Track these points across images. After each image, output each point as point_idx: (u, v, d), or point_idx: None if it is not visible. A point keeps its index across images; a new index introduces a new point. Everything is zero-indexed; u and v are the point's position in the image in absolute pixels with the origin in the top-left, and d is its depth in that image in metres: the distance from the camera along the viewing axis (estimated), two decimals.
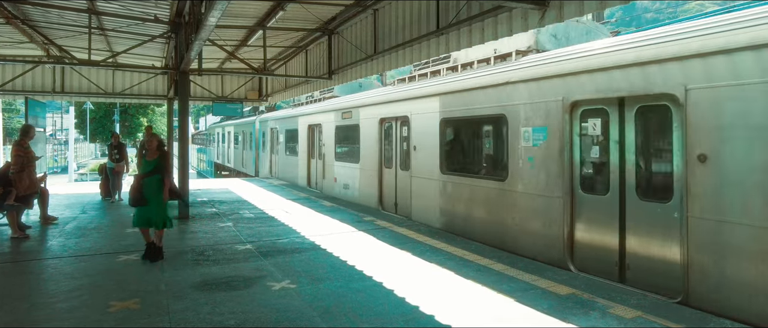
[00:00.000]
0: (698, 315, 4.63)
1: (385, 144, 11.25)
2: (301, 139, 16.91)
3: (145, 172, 6.77)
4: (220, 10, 6.24)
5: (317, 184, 15.50)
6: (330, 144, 14.27)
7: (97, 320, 4.49)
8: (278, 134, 19.69)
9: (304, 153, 16.59)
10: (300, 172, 17.07)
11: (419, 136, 9.63)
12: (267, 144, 21.43)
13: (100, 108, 44.67)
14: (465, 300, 5.10)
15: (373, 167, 11.66)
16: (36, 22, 11.16)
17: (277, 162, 20.09)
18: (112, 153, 12.49)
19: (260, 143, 22.50)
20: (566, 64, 6.42)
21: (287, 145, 18.61)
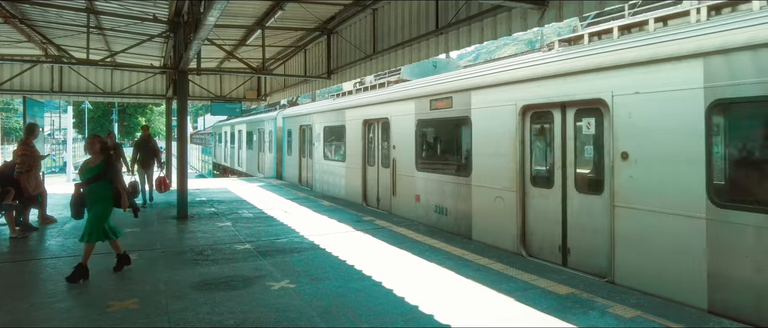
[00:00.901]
0: (697, 315, 4.64)
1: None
2: (351, 140, 12.65)
3: (86, 178, 5.94)
4: (218, 10, 6.23)
5: (384, 201, 11.29)
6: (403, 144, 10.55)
7: (96, 320, 4.48)
8: (313, 133, 15.43)
9: (358, 158, 12.32)
10: (349, 182, 12.93)
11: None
12: (295, 145, 17.47)
13: (99, 108, 44.66)
14: (464, 300, 5.10)
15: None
16: (34, 22, 11.14)
17: (311, 168, 15.77)
18: None
19: (285, 144, 18.92)
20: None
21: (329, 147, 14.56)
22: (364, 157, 12.08)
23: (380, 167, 11.46)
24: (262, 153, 21.81)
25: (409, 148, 9.92)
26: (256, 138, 22.79)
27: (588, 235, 6.19)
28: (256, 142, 22.82)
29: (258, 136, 22.40)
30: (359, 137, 12.07)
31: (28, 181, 8.39)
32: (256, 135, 22.63)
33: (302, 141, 16.72)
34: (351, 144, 12.57)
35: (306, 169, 16.45)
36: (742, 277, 4.60)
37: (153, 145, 11.88)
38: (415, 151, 9.77)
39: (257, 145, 22.52)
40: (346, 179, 12.92)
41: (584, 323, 4.44)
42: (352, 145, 12.55)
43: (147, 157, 11.72)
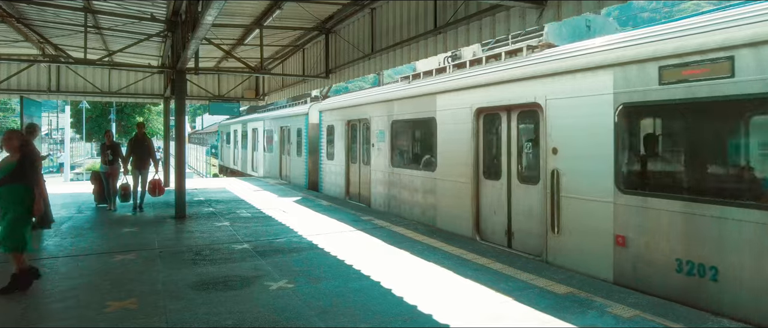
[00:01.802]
0: (695, 314, 4.64)
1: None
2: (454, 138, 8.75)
3: None
4: (216, 9, 6.21)
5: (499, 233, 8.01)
6: None
7: (94, 320, 4.46)
8: (372, 130, 11.57)
9: (468, 166, 8.25)
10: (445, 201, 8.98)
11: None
12: (339, 146, 13.45)
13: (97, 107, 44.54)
14: (463, 299, 5.09)
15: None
16: (31, 21, 11.10)
17: (371, 178, 11.69)
18: (105, 154, 11.05)
19: (322, 145, 14.89)
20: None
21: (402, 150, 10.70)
22: (478, 164, 8.18)
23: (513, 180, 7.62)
24: (286, 156, 18.22)
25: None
26: (277, 138, 19.08)
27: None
28: (277, 143, 19.13)
29: (280, 135, 18.64)
30: (470, 134, 8.22)
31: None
32: (278, 134, 18.87)
33: (352, 141, 12.86)
34: (455, 144, 8.57)
35: (359, 179, 12.45)
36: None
37: (148, 145, 11.03)
38: None
39: (279, 146, 18.81)
40: (440, 197, 8.99)
41: (583, 323, 4.43)
42: (455, 146, 8.57)
43: (142, 158, 10.89)
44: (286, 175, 18.18)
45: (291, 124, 17.49)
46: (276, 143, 19.27)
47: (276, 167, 19.28)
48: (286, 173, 18.18)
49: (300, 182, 16.53)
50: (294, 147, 17.13)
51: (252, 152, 23.16)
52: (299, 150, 16.57)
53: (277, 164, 19.21)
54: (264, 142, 20.98)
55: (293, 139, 17.21)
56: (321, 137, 14.96)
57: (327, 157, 14.52)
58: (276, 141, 19.26)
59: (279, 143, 18.89)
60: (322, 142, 14.84)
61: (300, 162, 16.50)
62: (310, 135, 15.77)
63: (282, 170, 18.64)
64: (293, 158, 17.25)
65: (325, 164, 14.70)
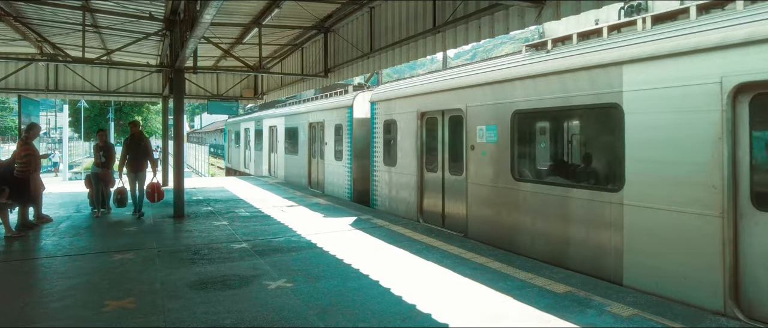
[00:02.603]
0: (694, 313, 4.64)
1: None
2: None
3: None
4: (215, 8, 6.20)
5: None
6: None
7: (92, 320, 4.45)
8: (468, 124, 8.40)
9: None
10: None
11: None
12: (409, 147, 10.13)
13: (95, 106, 44.48)
14: (462, 298, 5.09)
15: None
16: (29, 20, 11.07)
17: (456, 192, 8.84)
18: (98, 155, 10.18)
19: (376, 146, 11.50)
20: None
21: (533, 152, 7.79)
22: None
23: None
24: (317, 160, 14.91)
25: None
26: (303, 137, 15.88)
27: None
28: (303, 143, 15.90)
29: (309, 134, 15.51)
30: None
31: (34, 180, 8.34)
32: (305, 132, 15.72)
33: (433, 141, 9.49)
34: None
35: (442, 194, 9.20)
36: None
37: (145, 144, 10.09)
38: None
39: (307, 147, 15.54)
40: None
41: (582, 322, 4.43)
42: None
43: (138, 159, 10.00)
44: (318, 182, 14.81)
45: (325, 119, 14.04)
46: (302, 144, 15.95)
47: (301, 172, 16.02)
48: (318, 179, 14.86)
49: (340, 193, 13.10)
50: (330, 148, 13.73)
51: (269, 154, 20.06)
52: (339, 152, 13.18)
53: (303, 169, 15.90)
54: (285, 142, 17.77)
55: (329, 138, 13.78)
56: (374, 136, 11.50)
57: (385, 161, 10.97)
58: (303, 141, 15.94)
59: (306, 143, 15.61)
60: (377, 142, 11.33)
61: (340, 168, 13.16)
62: (356, 133, 12.46)
63: (312, 176, 15.32)
64: (329, 163, 13.81)
65: (381, 172, 11.16)
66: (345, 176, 12.90)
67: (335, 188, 13.44)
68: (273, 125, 19.56)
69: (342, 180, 13.05)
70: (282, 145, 18.26)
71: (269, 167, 20.09)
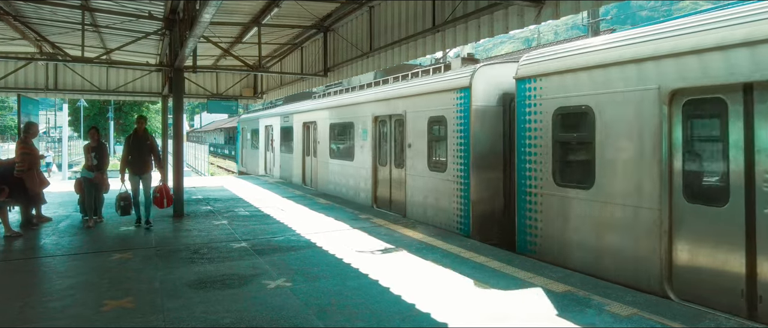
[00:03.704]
0: (693, 312, 4.64)
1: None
2: None
3: None
4: (214, 7, 6.20)
5: None
6: None
7: (91, 319, 4.45)
8: None
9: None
10: None
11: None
12: (617, 158, 5.85)
13: (95, 105, 44.48)
14: (461, 298, 5.09)
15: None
16: (28, 19, 11.06)
17: None
18: (89, 157, 8.94)
19: (531, 150, 7.08)
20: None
21: None
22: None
23: None
24: (389, 168, 10.88)
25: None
26: (364, 137, 11.80)
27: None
28: (363, 146, 11.83)
29: (375, 132, 11.40)
30: None
31: (33, 179, 8.34)
32: (369, 130, 11.60)
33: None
34: None
35: None
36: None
37: (151, 143, 8.96)
38: None
39: (372, 151, 11.47)
40: None
41: (581, 322, 4.43)
42: None
43: (143, 160, 8.83)
44: (394, 201, 10.68)
45: (409, 110, 9.87)
46: (362, 147, 11.94)
47: (361, 183, 12.05)
48: (393, 197, 10.73)
49: (439, 218, 9.00)
50: (418, 153, 9.64)
51: (302, 158, 16.13)
52: (439, 161, 9.12)
53: (364, 180, 11.87)
54: (331, 143, 13.78)
55: (416, 138, 9.72)
56: (525, 133, 7.06)
57: (561, 177, 6.64)
58: (362, 143, 11.88)
59: (371, 146, 11.49)
60: (537, 143, 6.88)
61: (441, 182, 8.96)
62: (477, 129, 8.21)
63: (379, 190, 11.35)
64: (417, 174, 9.67)
65: (553, 196, 6.69)
66: (452, 195, 8.64)
67: (429, 211, 9.33)
68: (309, 122, 15.48)
69: (444, 201, 8.85)
70: (325, 148, 14.07)
71: (304, 174, 16.04)
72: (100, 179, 8.96)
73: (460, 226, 8.50)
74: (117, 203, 9.00)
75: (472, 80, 8.20)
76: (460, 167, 8.49)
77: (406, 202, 10.06)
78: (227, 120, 64.18)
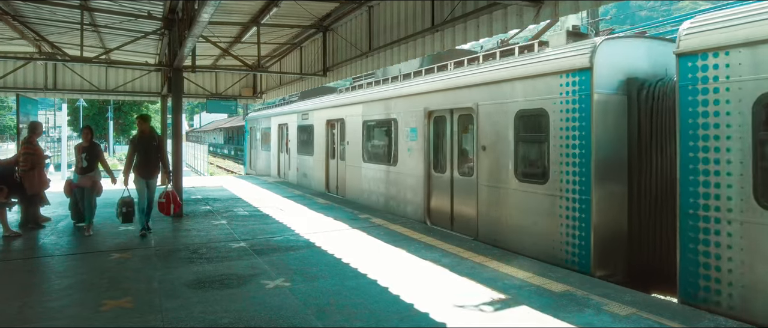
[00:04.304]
0: (692, 312, 4.64)
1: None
2: None
3: None
4: (213, 7, 6.20)
5: None
6: None
7: (89, 319, 4.45)
8: None
9: None
10: None
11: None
12: None
13: (94, 105, 44.46)
14: (460, 298, 5.09)
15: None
16: (27, 18, 11.05)
17: None
18: (80, 158, 8.19)
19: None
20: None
21: None
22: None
23: None
24: (448, 174, 8.76)
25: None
26: (412, 138, 9.65)
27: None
28: (415, 149, 9.56)
29: (428, 131, 9.21)
30: None
31: (31, 179, 8.33)
32: (423, 129, 9.27)
33: None
34: None
35: None
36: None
37: (158, 144, 8.25)
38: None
39: (425, 155, 9.28)
40: None
41: (580, 321, 4.44)
42: None
43: (150, 162, 8.11)
44: (448, 215, 8.72)
45: (482, 102, 7.76)
46: (413, 150, 9.60)
47: (409, 195, 9.83)
48: (447, 210, 8.74)
49: (530, 245, 6.96)
50: (501, 157, 7.47)
51: (325, 161, 14.09)
52: (523, 166, 7.22)
53: (413, 192, 9.65)
54: (365, 145, 11.69)
55: (493, 138, 7.61)
56: (696, 128, 5.04)
57: (759, 194, 4.58)
58: (413, 145, 9.60)
59: (422, 149, 9.29)
60: (731, 141, 4.77)
61: (542, 198, 6.81)
62: (600, 128, 6.26)
63: (432, 204, 9.15)
64: (496, 184, 7.54)
65: (749, 221, 4.63)
66: (557, 215, 6.55)
67: (517, 235, 7.14)
68: (334, 119, 13.45)
69: (544, 223, 6.72)
70: (357, 149, 11.98)
71: (327, 179, 14.09)
72: (88, 182, 8.11)
73: (571, 256, 6.35)
74: (118, 209, 8.02)
75: (594, 59, 6.09)
76: (572, 177, 6.34)
77: (478, 220, 7.79)
78: (227, 120, 64.17)
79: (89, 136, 8.37)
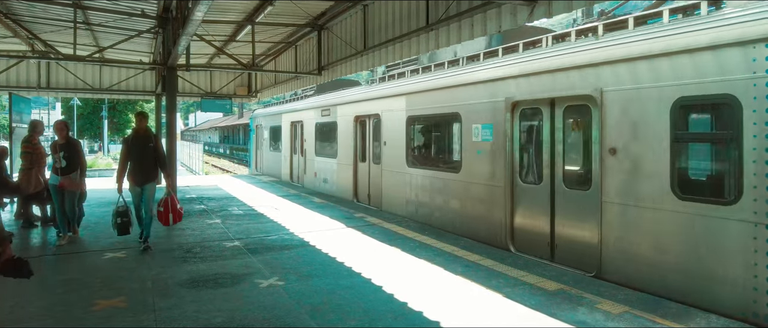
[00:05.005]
0: (683, 310, 4.67)
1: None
2: None
3: None
4: (206, 5, 6.18)
5: None
6: None
7: (81, 319, 4.43)
8: None
9: None
10: None
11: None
12: None
13: (88, 104, 44.24)
14: (454, 296, 5.10)
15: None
16: (20, 17, 10.99)
17: None
18: (57, 158, 7.28)
19: None
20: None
21: None
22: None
23: None
24: (545, 188, 6.67)
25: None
26: (489, 135, 7.53)
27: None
28: (486, 151, 7.61)
29: (511, 127, 7.16)
30: None
31: (28, 179, 8.26)
32: (504, 125, 7.20)
33: None
34: None
35: None
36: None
37: (156, 145, 7.22)
38: None
39: (508, 155, 7.18)
40: None
41: (573, 319, 4.45)
42: None
43: (146, 165, 7.11)
44: (546, 238, 6.71)
45: (607, 86, 5.79)
46: (486, 153, 7.63)
47: (476, 206, 7.93)
48: (545, 230, 6.71)
49: (730, 298, 4.70)
50: (646, 165, 5.43)
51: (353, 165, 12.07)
52: (686, 178, 5.35)
53: (492, 206, 7.54)
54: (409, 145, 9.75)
55: (629, 137, 5.60)
56: None
57: None
58: (484, 147, 7.66)
59: (507, 148, 7.21)
60: None
61: (725, 225, 4.73)
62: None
63: (518, 221, 7.18)
64: (638, 202, 5.51)
65: None
66: (752, 251, 4.54)
67: (670, 275, 5.22)
68: (366, 115, 11.49)
69: (727, 264, 4.75)
70: (399, 153, 9.96)
71: (356, 186, 12.06)
72: (69, 183, 7.23)
73: None
74: (113, 220, 7.08)
75: None
76: None
77: (601, 250, 5.82)
78: (222, 119, 64.03)
79: (65, 132, 7.40)
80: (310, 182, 14.86)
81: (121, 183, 7.06)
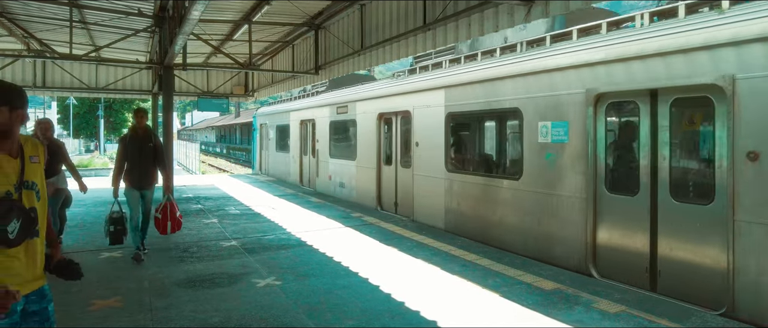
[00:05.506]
0: (679, 308, 4.69)
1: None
2: None
3: None
4: (203, 4, 6.17)
5: None
6: None
7: (78, 319, 4.42)
8: None
9: None
10: None
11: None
12: None
13: (84, 103, 44.07)
14: (451, 296, 5.10)
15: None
16: (15, 15, 10.93)
17: None
18: None
19: None
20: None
21: None
22: None
23: None
24: (644, 201, 5.39)
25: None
26: (566, 135, 6.22)
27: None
28: (565, 154, 6.26)
29: (593, 127, 5.87)
30: None
31: None
32: (587, 124, 5.92)
33: None
34: None
35: None
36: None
37: (155, 145, 6.66)
38: None
39: (589, 163, 5.89)
40: None
41: (570, 319, 4.46)
42: None
43: (144, 168, 6.56)
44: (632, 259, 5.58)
45: (741, 74, 4.49)
46: (567, 158, 6.27)
47: (547, 223, 6.59)
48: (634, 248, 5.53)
49: None
50: None
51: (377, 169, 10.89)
52: None
53: (566, 224, 6.28)
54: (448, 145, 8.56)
55: None
56: None
57: None
58: (567, 151, 6.25)
59: (590, 155, 5.91)
60: None
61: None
62: None
63: (600, 237, 5.91)
64: None
65: None
66: None
67: None
68: (392, 112, 10.38)
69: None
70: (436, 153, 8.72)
71: (379, 193, 10.89)
72: (51, 189, 6.26)
73: None
74: (106, 227, 6.54)
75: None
76: None
77: (733, 280, 4.56)
78: (219, 118, 63.88)
79: (48, 131, 6.72)
80: (324, 185, 13.56)
81: (117, 186, 6.44)
